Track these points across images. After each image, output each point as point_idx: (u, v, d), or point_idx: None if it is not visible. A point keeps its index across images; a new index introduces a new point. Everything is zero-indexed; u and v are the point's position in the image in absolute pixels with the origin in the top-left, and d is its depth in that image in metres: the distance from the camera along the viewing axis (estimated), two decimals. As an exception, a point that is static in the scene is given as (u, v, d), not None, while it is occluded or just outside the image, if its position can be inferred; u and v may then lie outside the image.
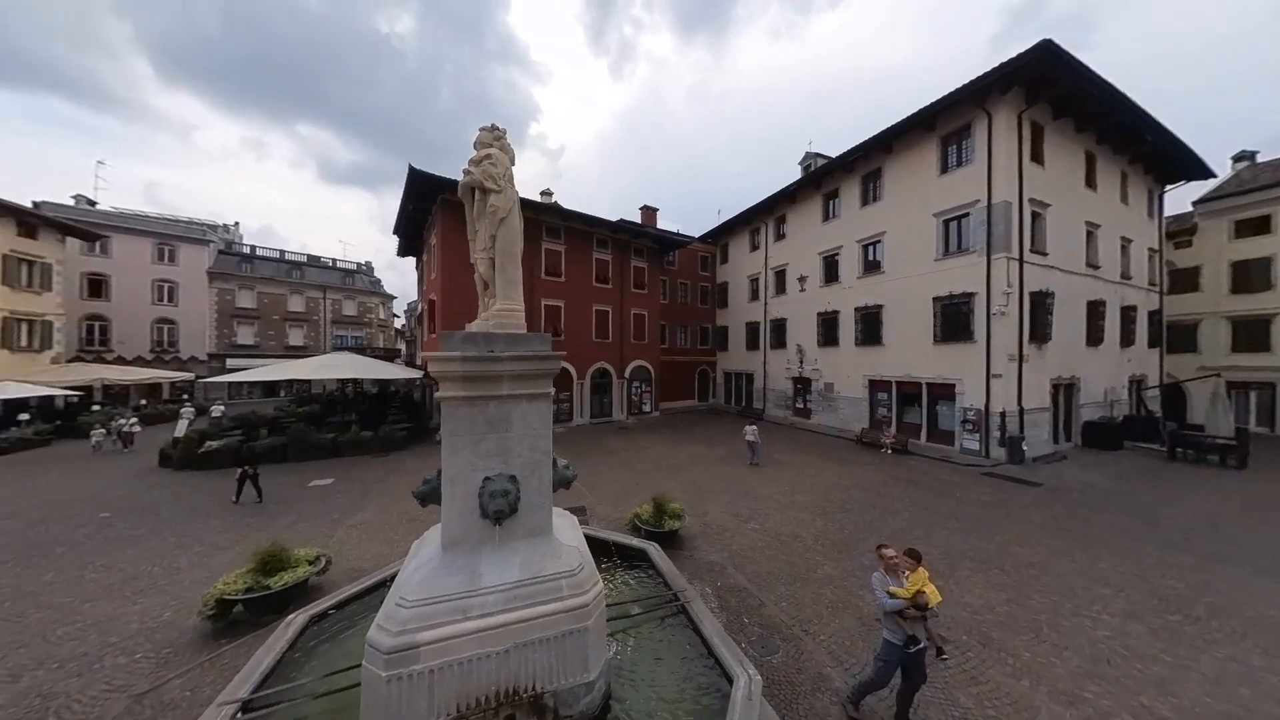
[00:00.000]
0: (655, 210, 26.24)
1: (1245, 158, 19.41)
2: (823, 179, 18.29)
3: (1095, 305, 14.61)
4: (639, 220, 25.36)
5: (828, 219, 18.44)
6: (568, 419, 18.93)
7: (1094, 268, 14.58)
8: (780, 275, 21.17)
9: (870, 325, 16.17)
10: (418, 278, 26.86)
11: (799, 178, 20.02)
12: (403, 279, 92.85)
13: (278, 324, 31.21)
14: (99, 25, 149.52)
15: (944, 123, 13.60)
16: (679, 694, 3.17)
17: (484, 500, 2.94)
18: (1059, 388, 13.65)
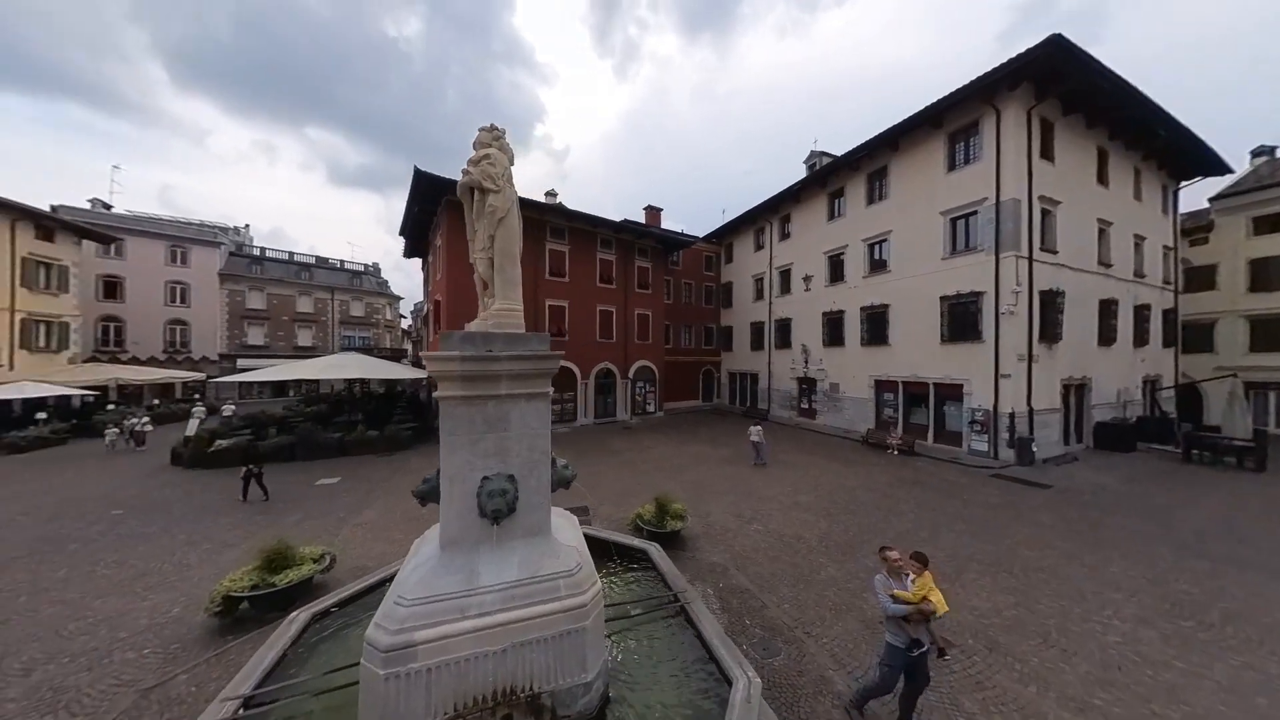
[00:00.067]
0: (659, 210, 26.21)
1: (1264, 152, 18.91)
2: (828, 178, 18.16)
3: (1107, 304, 14.35)
4: (643, 220, 25.35)
5: (833, 218, 18.30)
6: (572, 419, 18.97)
7: (1106, 266, 14.32)
8: (785, 275, 21.05)
9: (876, 325, 16.02)
10: (423, 279, 27.07)
11: (804, 176, 19.87)
12: (409, 280, 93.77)
13: (287, 325, 31.64)
14: (116, 32, 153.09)
15: (951, 120, 13.44)
16: (677, 696, 3.15)
17: (482, 500, 2.94)
18: (1070, 388, 13.41)
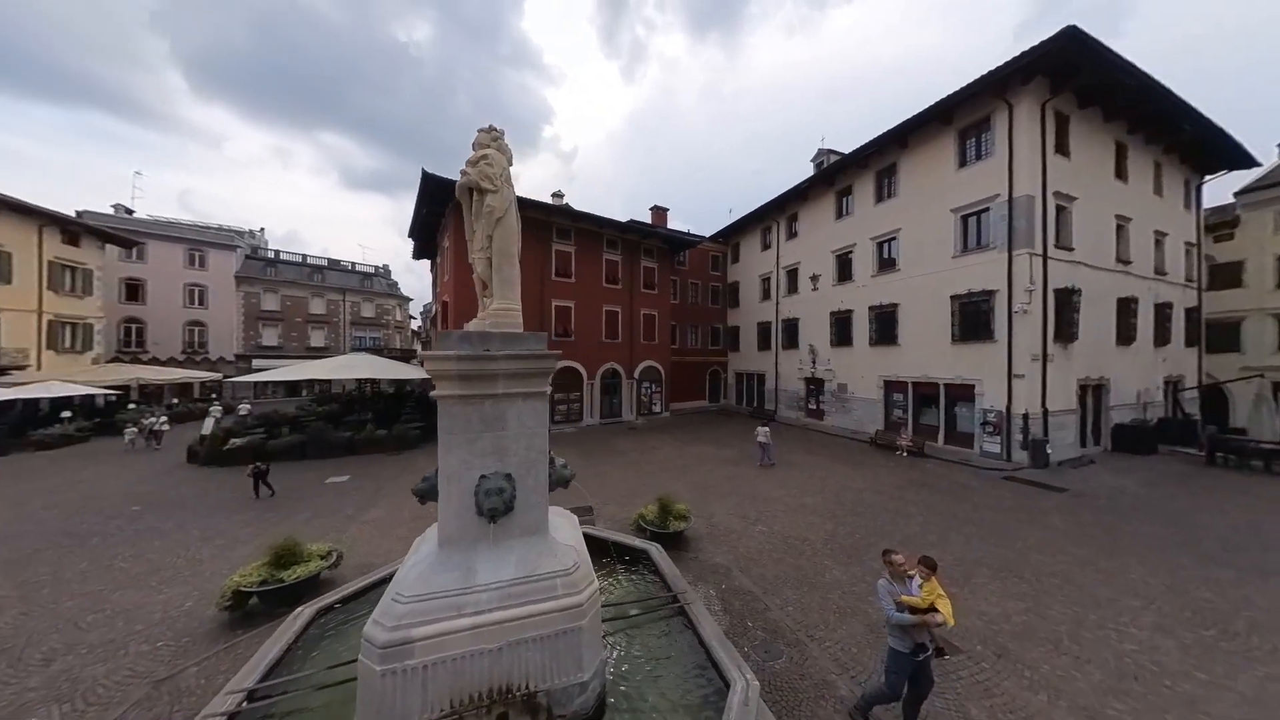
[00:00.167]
0: (665, 210, 26.19)
1: (1293, 145, 18.25)
2: (836, 176, 17.96)
3: (1126, 302, 13.94)
4: (649, 221, 25.35)
5: (841, 216, 18.09)
6: (578, 419, 19.03)
7: (1124, 263, 13.91)
8: (792, 274, 20.86)
9: (885, 324, 15.78)
10: (432, 280, 27.41)
11: (811, 175, 19.69)
12: (420, 281, 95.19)
13: (300, 326, 32.29)
14: (137, 43, 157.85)
15: (962, 115, 13.18)
16: (675, 697, 3.13)
17: (479, 498, 2.95)
18: (1087, 389, 13.06)
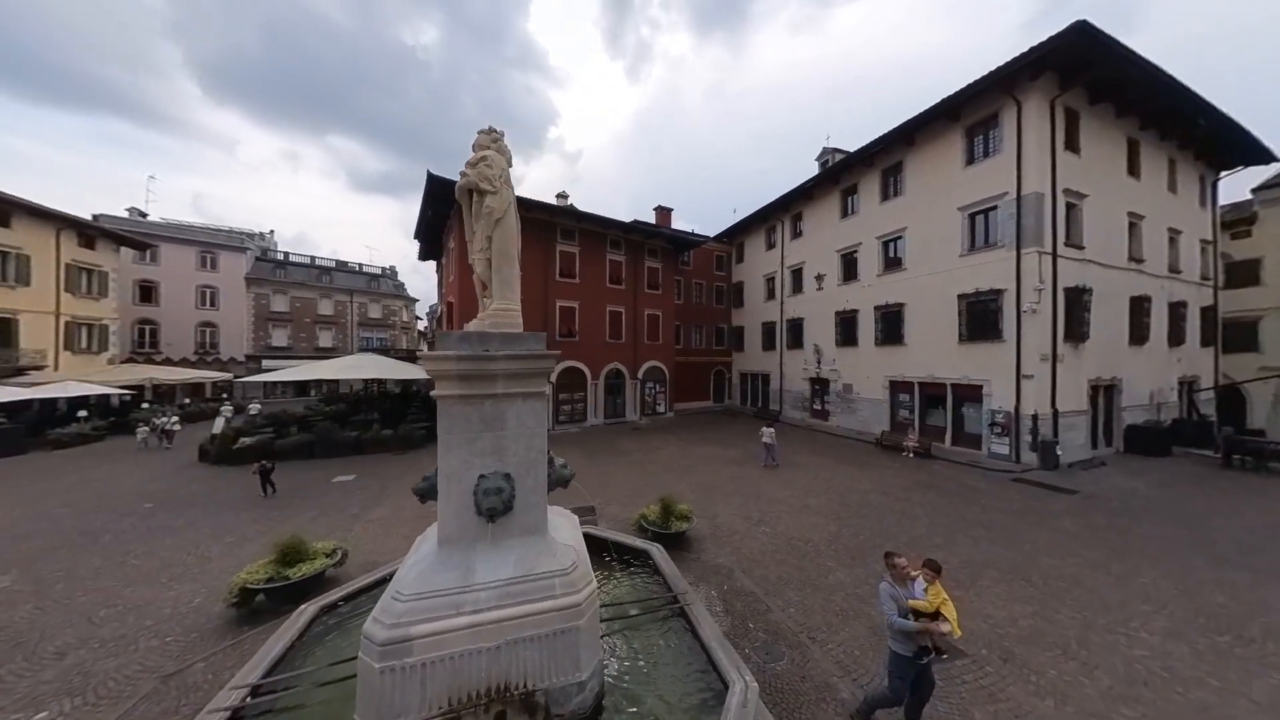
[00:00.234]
0: (670, 210, 26.16)
1: (1314, 139, 17.79)
2: (841, 174, 17.82)
3: (1139, 301, 13.68)
4: (653, 221, 25.34)
5: (846, 215, 17.95)
6: (581, 419, 19.06)
7: (1137, 261, 13.65)
8: (797, 274, 20.73)
9: (891, 324, 15.63)
10: (437, 281, 27.63)
11: (816, 174, 19.56)
12: (426, 282, 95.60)
13: (309, 326, 32.71)
14: (153, 50, 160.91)
15: (970, 112, 13.02)
16: (674, 698, 3.12)
17: (479, 498, 2.97)
18: (1098, 389, 12.83)
